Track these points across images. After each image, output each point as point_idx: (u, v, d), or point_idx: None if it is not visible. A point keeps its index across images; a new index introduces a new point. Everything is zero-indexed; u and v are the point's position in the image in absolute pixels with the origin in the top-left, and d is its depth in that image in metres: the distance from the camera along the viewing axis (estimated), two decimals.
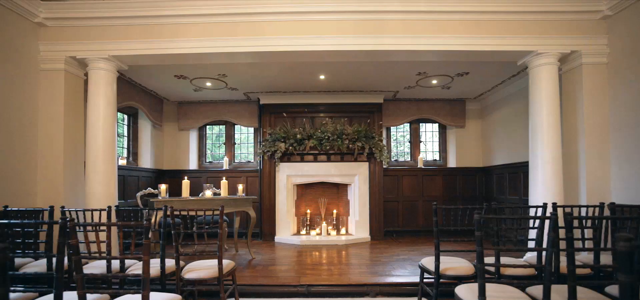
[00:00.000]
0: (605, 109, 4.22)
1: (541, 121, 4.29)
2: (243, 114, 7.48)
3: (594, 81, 4.24)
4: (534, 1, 4.18)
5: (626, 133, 3.98)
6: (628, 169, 3.94)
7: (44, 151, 4.25)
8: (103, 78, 4.39)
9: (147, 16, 4.27)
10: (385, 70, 5.55)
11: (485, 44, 4.27)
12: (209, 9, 4.24)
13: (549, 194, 4.19)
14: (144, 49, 4.33)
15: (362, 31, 4.23)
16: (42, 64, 4.28)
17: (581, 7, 4.17)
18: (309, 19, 4.26)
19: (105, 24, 4.30)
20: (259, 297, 3.77)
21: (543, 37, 4.23)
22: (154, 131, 7.20)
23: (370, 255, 5.35)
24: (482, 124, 7.64)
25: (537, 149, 4.32)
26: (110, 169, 4.41)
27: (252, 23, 4.28)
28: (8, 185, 3.83)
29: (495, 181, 7.01)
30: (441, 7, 4.19)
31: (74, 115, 4.47)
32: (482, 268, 2.04)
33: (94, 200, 4.25)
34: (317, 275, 4.24)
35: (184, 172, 7.39)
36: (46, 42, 4.27)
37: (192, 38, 4.31)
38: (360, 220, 6.75)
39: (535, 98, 4.36)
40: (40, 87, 4.28)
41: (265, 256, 5.33)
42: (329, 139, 6.49)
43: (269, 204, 6.83)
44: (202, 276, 2.85)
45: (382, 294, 3.84)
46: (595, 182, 4.19)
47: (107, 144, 4.39)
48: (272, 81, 6.14)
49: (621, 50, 4.06)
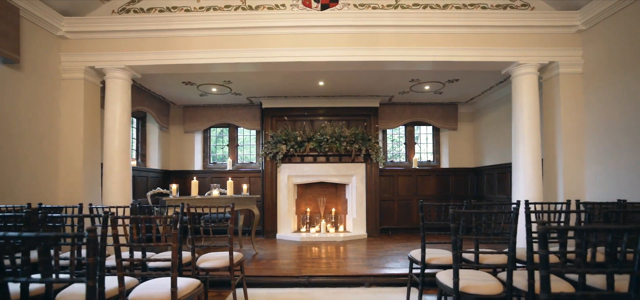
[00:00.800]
0: (581, 115, 4.60)
1: (522, 126, 4.67)
2: (246, 117, 7.86)
3: (570, 89, 4.62)
4: (516, 16, 4.57)
5: (599, 137, 4.36)
6: (601, 169, 4.32)
7: (65, 153, 4.62)
8: (119, 86, 4.76)
9: (160, 29, 4.64)
10: (381, 77, 5.92)
11: (471, 55, 4.65)
12: (216, 23, 4.61)
13: (529, 192, 4.57)
14: (156, 59, 4.70)
15: (358, 43, 4.61)
16: (63, 74, 4.64)
17: (558, 22, 4.55)
18: (308, 32, 4.63)
19: (121, 37, 4.67)
20: (264, 287, 4.13)
21: (524, 49, 4.61)
22: (161, 133, 7.57)
23: (366, 251, 5.72)
24: (473, 127, 8.02)
25: (519, 152, 4.70)
26: (125, 170, 4.79)
27: (256, 36, 4.65)
28: (34, 184, 4.19)
29: (485, 181, 7.39)
30: (430, 22, 4.57)
31: (91, 120, 4.84)
32: (456, 254, 2.41)
33: (110, 198, 4.62)
34: (316, 267, 4.61)
35: (190, 173, 7.76)
36: (67, 54, 4.64)
37: (201, 49, 4.68)
38: (358, 218, 7.13)
39: (517, 104, 4.74)
40: (62, 94, 4.64)
41: (268, 251, 5.70)
42: (328, 141, 6.86)
43: (271, 203, 7.20)
44: (215, 265, 3.22)
45: (375, 284, 4.21)
46: (571, 181, 4.57)
47: (123, 147, 4.76)
48: (274, 87, 6.51)
49: (594, 61, 4.44)
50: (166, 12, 4.69)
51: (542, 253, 1.41)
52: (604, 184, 4.29)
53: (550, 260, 2.53)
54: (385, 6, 4.65)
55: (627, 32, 3.94)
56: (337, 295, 3.83)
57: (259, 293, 3.89)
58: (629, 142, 3.91)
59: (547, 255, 1.43)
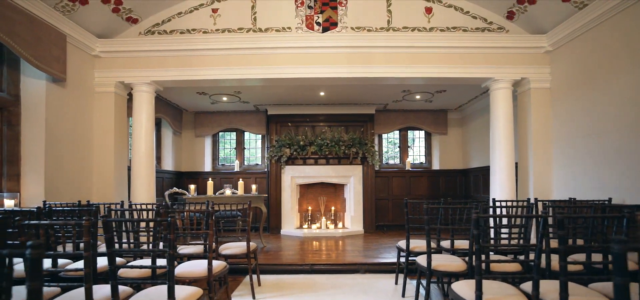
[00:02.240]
0: (549, 124, 5.26)
1: (499, 133, 5.34)
2: (252, 122, 8.52)
3: (539, 102, 5.29)
4: (492, 38, 5.23)
5: (564, 144, 5.02)
6: (566, 172, 4.98)
7: (98, 157, 5.27)
8: (144, 98, 5.42)
9: (181, 49, 5.30)
10: (376, 88, 6.59)
11: (454, 72, 5.32)
12: (231, 44, 5.27)
13: (504, 192, 5.24)
14: (178, 75, 5.36)
15: (355, 62, 5.27)
16: (96, 88, 5.30)
17: (529, 43, 5.22)
18: (311, 52, 5.29)
19: (147, 55, 5.32)
20: (273, 274, 4.79)
21: (499, 66, 5.27)
22: (174, 138, 8.23)
23: (362, 244, 6.39)
24: (462, 132, 8.69)
25: (495, 156, 5.37)
26: (150, 172, 5.45)
27: (265, 55, 5.30)
28: (74, 184, 4.85)
29: (472, 181, 8.06)
30: (417, 43, 5.23)
31: (120, 127, 5.49)
32: (428, 241, 3.07)
33: (138, 196, 5.28)
34: (318, 257, 5.28)
35: (200, 174, 8.42)
36: (100, 70, 5.30)
37: (217, 67, 5.33)
38: (355, 216, 7.79)
39: (494, 115, 5.41)
40: (95, 106, 5.30)
41: (274, 245, 6.37)
42: (328, 145, 7.52)
43: (276, 202, 7.86)
44: (235, 252, 3.88)
45: (369, 271, 4.87)
46: (540, 182, 5.23)
47: (148, 151, 5.42)
48: (279, 96, 7.17)
49: (560, 78, 5.11)
50: (186, 33, 5.35)
51: (475, 233, 2.07)
52: (568, 184, 4.95)
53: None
54: (378, 29, 5.31)
55: (586, 54, 4.61)
56: (336, 280, 4.48)
57: (269, 278, 4.56)
58: (588, 149, 4.57)
59: (479, 235, 2.09)
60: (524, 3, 4.88)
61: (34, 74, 4.26)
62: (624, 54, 4.02)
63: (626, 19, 3.99)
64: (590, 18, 4.39)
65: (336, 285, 4.24)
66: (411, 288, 4.03)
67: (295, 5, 5.32)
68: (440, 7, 5.33)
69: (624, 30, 4.03)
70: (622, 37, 4.05)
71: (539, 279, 2.09)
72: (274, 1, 5.32)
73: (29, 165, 4.24)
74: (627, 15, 3.99)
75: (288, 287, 4.18)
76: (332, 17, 5.31)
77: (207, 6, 5.35)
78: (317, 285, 4.24)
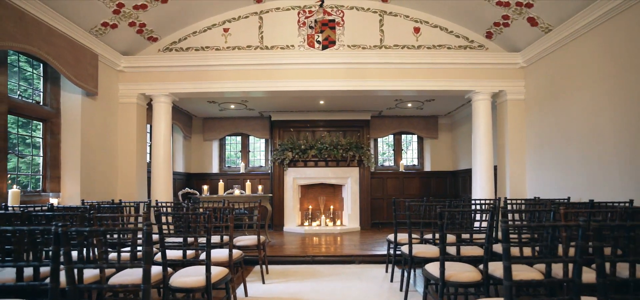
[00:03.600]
0: (523, 132, 5.92)
1: (480, 139, 5.99)
2: (257, 127, 9.17)
3: (515, 112, 5.94)
4: (473, 55, 5.88)
5: (536, 149, 5.68)
6: (537, 173, 5.63)
7: (122, 160, 5.90)
8: (163, 109, 6.06)
9: (196, 64, 5.93)
10: (371, 98, 7.24)
11: (439, 85, 5.96)
12: (240, 60, 5.90)
13: (484, 192, 5.89)
14: (193, 88, 5.99)
15: (351, 76, 5.91)
16: (120, 99, 5.93)
17: (506, 60, 5.87)
18: (312, 67, 5.93)
19: (165, 70, 5.95)
20: (279, 264, 5.43)
21: (479, 80, 5.92)
22: (184, 141, 8.87)
23: (358, 239, 7.04)
24: (451, 136, 9.35)
25: (476, 159, 6.02)
26: (168, 174, 6.09)
27: (271, 70, 5.93)
28: (102, 184, 5.48)
29: (460, 182, 8.72)
30: (407, 59, 5.88)
31: (140, 134, 6.12)
32: (410, 233, 3.72)
33: (157, 195, 5.92)
34: (318, 250, 5.93)
35: (208, 175, 9.07)
36: (124, 84, 5.93)
37: (228, 80, 5.96)
38: (352, 214, 8.43)
39: (475, 123, 6.06)
40: (119, 115, 5.93)
41: (279, 240, 7.01)
42: (327, 149, 8.16)
43: (279, 201, 8.50)
44: (247, 243, 4.53)
45: (364, 261, 5.52)
46: (516, 182, 5.89)
47: (166, 155, 6.06)
48: (282, 104, 7.82)
49: (532, 91, 5.76)
50: (201, 51, 5.99)
51: (439, 223, 2.72)
52: (538, 185, 5.60)
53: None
54: (372, 47, 5.96)
55: (553, 71, 5.26)
56: (335, 269, 5.13)
57: (275, 268, 5.20)
58: (553, 154, 5.23)
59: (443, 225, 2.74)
60: (500, 25, 5.53)
61: (71, 89, 4.90)
62: (583, 72, 4.67)
63: (585, 43, 4.64)
64: (555, 40, 5.04)
65: (334, 273, 4.88)
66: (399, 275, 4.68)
67: (298, 25, 5.97)
68: (427, 27, 5.98)
69: (583, 52, 4.68)
70: (582, 58, 4.70)
71: (489, 260, 2.74)
72: (279, 22, 5.97)
73: (68, 168, 4.88)
74: (586, 39, 4.63)
75: (292, 274, 4.83)
76: (331, 36, 5.96)
77: (219, 26, 5.99)
78: (318, 273, 4.89)
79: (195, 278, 2.71)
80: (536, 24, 5.09)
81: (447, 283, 2.74)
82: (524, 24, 5.20)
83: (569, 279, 1.85)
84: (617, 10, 4.06)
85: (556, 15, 4.77)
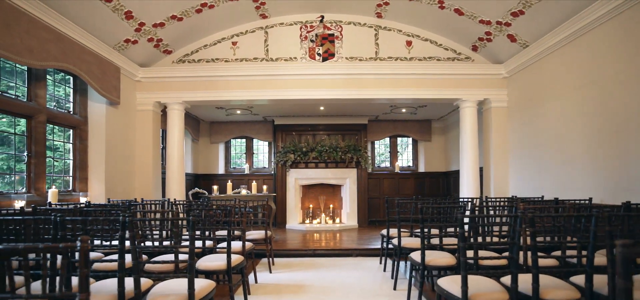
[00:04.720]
0: (506, 136, 6.48)
1: (467, 143, 6.55)
2: (260, 131, 9.72)
3: (499, 118, 6.50)
4: (461, 66, 6.44)
5: (517, 152, 6.23)
6: (518, 175, 6.19)
7: (140, 162, 6.45)
8: (176, 115, 6.61)
9: (207, 75, 6.48)
10: (368, 104, 7.79)
11: (430, 94, 6.52)
12: (247, 71, 6.45)
13: (470, 191, 6.45)
14: (204, 96, 6.54)
15: (349, 86, 6.47)
16: (138, 107, 6.49)
17: (490, 70, 6.43)
18: (313, 78, 6.48)
19: (179, 80, 6.51)
20: (283, 257, 5.99)
21: (466, 89, 6.48)
22: (192, 144, 9.42)
23: (356, 235, 7.60)
24: (444, 139, 9.91)
25: (464, 161, 6.58)
26: (181, 175, 6.64)
27: (275, 80, 6.49)
28: (123, 184, 6.03)
29: (452, 182, 9.27)
30: (400, 70, 6.43)
31: (155, 139, 6.68)
32: (399, 229, 4.27)
33: (172, 194, 6.47)
34: (319, 245, 6.48)
35: (215, 176, 9.62)
36: (141, 93, 6.49)
37: (236, 89, 6.51)
38: (350, 212, 8.98)
39: (463, 128, 6.62)
40: (137, 121, 6.48)
41: (282, 236, 7.57)
42: (327, 151, 8.71)
43: (281, 200, 9.06)
44: (256, 237, 5.08)
45: (360, 255, 6.07)
46: (499, 183, 6.45)
47: (179, 158, 6.62)
48: (285, 110, 8.38)
49: (514, 99, 6.32)
50: (211, 62, 6.54)
51: (420, 217, 3.27)
52: (518, 185, 6.16)
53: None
54: (368, 59, 6.52)
55: (530, 82, 5.82)
56: (334, 261, 5.68)
57: (280, 260, 5.75)
58: (531, 157, 5.79)
59: (423, 219, 3.30)
60: (484, 40, 6.09)
61: (97, 99, 5.45)
62: (555, 84, 5.23)
63: (556, 58, 5.20)
64: (532, 55, 5.60)
65: (334, 264, 5.44)
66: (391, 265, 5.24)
67: (300, 39, 6.52)
68: (419, 41, 6.54)
69: (554, 67, 5.24)
70: (554, 72, 5.26)
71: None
72: (283, 36, 6.53)
73: (94, 170, 5.44)
74: (556, 55, 5.19)
75: (296, 265, 5.38)
76: (330, 49, 6.51)
77: (228, 40, 6.55)
78: (319, 264, 5.44)
79: (217, 263, 3.27)
80: (515, 40, 5.65)
81: (427, 267, 3.30)
82: (504, 39, 5.76)
83: (527, 264, 2.40)
84: (581, 32, 4.63)
85: (531, 33, 5.33)
